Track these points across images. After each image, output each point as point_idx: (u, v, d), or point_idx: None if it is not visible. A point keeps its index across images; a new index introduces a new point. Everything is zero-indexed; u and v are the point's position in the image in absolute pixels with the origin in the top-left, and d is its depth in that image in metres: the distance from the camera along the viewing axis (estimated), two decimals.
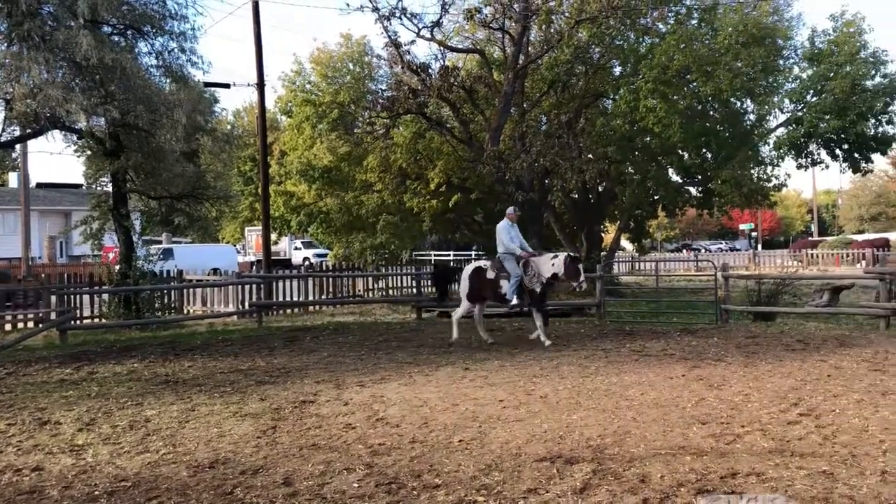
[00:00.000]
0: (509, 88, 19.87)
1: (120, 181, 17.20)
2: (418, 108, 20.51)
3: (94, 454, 6.50)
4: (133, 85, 14.10)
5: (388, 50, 20.55)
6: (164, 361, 11.59)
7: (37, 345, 13.63)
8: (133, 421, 7.66)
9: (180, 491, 5.48)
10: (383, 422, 7.43)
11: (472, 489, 5.35)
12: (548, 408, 7.89)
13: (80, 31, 12.86)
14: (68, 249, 41.77)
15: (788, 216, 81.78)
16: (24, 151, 30.36)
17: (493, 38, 22.67)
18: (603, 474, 5.59)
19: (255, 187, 37.93)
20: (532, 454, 6.16)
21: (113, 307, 16.67)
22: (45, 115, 13.91)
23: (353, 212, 24.87)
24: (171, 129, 14.74)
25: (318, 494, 5.34)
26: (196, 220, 21.76)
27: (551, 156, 19.09)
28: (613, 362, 10.65)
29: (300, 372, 10.44)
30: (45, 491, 5.56)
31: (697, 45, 19.78)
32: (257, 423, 7.48)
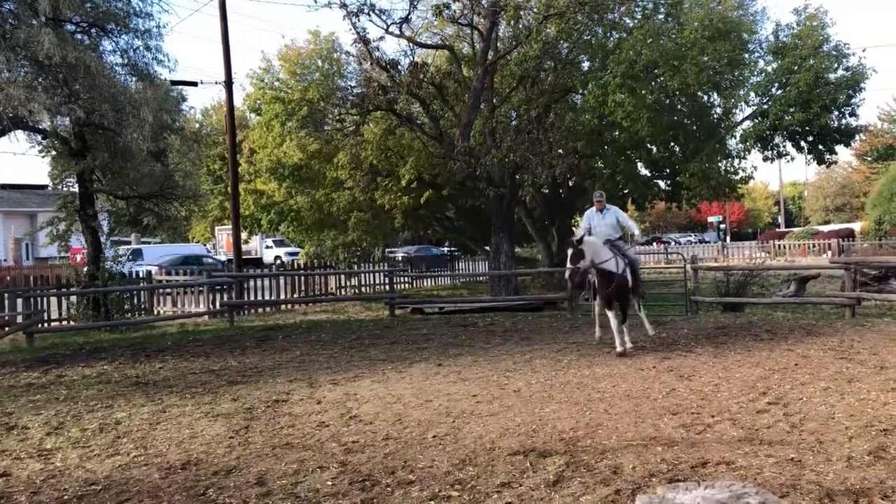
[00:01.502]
0: (479, 84, 19.89)
1: (86, 181, 16.94)
2: (388, 104, 20.44)
3: (63, 458, 6.42)
4: (98, 84, 13.89)
5: (357, 46, 20.46)
6: (134, 363, 11.47)
7: (3, 348, 13.42)
8: (103, 424, 7.57)
9: (152, 493, 5.43)
10: (357, 419, 7.42)
11: (447, 484, 5.37)
12: (521, 402, 7.93)
13: (41, 29, 12.64)
14: (34, 251, 41.08)
15: (756, 208, 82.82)
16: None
17: (461, 34, 22.67)
18: (576, 466, 5.63)
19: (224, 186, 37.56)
20: (505, 448, 6.19)
21: (81, 309, 16.45)
22: (7, 115, 13.64)
23: (324, 209, 24.74)
24: (137, 129, 14.55)
25: (291, 493, 5.32)
26: (165, 219, 21.48)
27: (521, 151, 19.14)
28: (585, 355, 10.73)
29: (273, 371, 10.39)
30: (12, 497, 5.48)
31: (664, 40, 19.98)
32: (230, 423, 7.44)
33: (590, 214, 11.51)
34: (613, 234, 11.24)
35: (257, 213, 28.49)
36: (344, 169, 23.32)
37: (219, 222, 48.82)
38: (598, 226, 11.27)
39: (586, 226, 11.40)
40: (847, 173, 67.61)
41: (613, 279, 10.42)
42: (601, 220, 11.31)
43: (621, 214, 11.44)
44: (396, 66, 20.22)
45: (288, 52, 25.47)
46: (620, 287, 10.53)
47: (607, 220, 11.34)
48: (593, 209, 11.47)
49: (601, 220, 11.31)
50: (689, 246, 50.86)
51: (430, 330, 14.42)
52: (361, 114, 21.51)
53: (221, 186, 41.51)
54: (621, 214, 11.44)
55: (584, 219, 11.64)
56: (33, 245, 40.40)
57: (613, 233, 11.26)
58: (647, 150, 21.79)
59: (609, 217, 11.35)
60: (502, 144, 19.38)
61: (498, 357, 10.80)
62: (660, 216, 71.01)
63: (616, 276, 10.43)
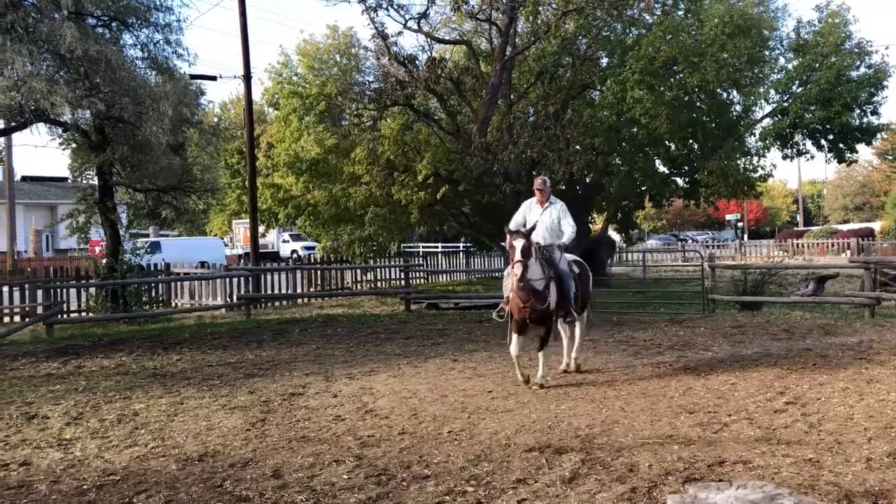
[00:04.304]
0: (496, 80, 19.85)
1: (106, 174, 17.06)
2: (405, 99, 20.45)
3: (82, 448, 6.48)
4: (118, 77, 13.99)
5: (375, 41, 20.47)
6: (152, 355, 11.56)
7: (24, 339, 13.55)
8: (121, 415, 7.64)
9: (169, 484, 5.48)
10: (372, 413, 7.44)
11: (462, 479, 5.38)
12: (536, 398, 7.92)
13: (63, 22, 12.74)
14: (54, 243, 41.45)
15: (774, 206, 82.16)
16: (9, 145, 30.14)
17: (480, 30, 22.62)
18: (591, 464, 5.63)
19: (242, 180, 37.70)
20: (521, 444, 6.19)
21: (100, 301, 16.58)
22: (29, 107, 13.74)
23: (341, 204, 24.76)
24: (157, 122, 14.63)
25: (307, 486, 5.35)
26: (183, 213, 21.60)
27: (539, 147, 19.11)
28: (601, 353, 10.70)
29: (289, 364, 10.43)
30: (33, 486, 5.54)
31: (684, 37, 19.84)
32: (246, 415, 7.48)
33: (527, 207, 9.14)
34: (549, 237, 8.84)
35: (274, 207, 28.57)
36: (361, 164, 23.36)
37: (236, 216, 49.05)
38: (536, 220, 8.79)
39: (520, 220, 8.94)
40: (867, 172, 66.94)
41: (532, 299, 8.14)
42: (539, 217, 8.88)
43: (566, 214, 8.97)
44: (414, 61, 20.23)
45: (306, 46, 25.50)
46: (538, 311, 8.21)
47: (547, 217, 8.91)
48: (532, 200, 9.12)
49: (539, 217, 8.88)
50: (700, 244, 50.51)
51: (446, 325, 14.43)
52: (379, 109, 21.54)
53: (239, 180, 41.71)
54: (566, 214, 8.97)
55: (519, 211, 9.19)
56: (53, 237, 40.78)
57: (549, 236, 8.85)
58: (665, 147, 21.66)
59: (552, 213, 8.94)
60: (519, 140, 19.34)
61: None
62: (677, 214, 70.63)
63: (536, 295, 8.14)
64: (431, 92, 20.28)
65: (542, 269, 8.26)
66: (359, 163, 23.37)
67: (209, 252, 32.90)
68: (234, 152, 39.69)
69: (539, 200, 9.05)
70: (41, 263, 25.92)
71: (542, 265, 8.30)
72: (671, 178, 23.61)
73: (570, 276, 8.73)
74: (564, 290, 8.57)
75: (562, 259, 8.77)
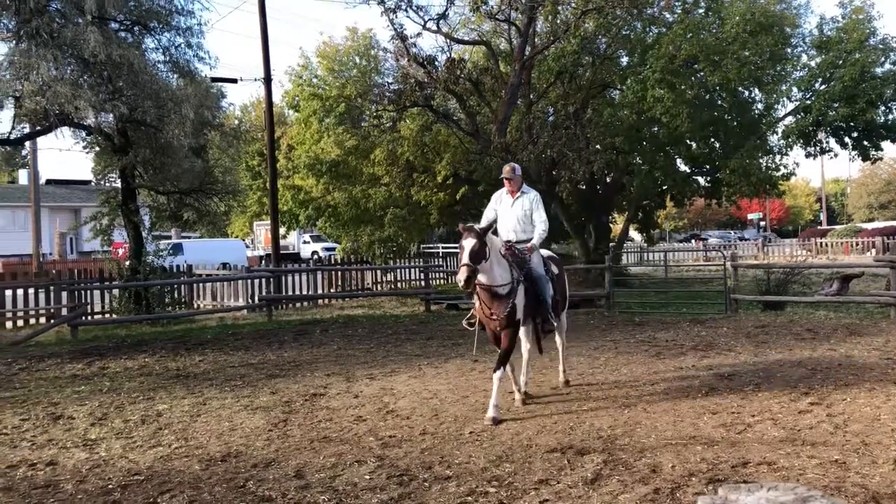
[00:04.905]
0: (516, 80, 19.82)
1: (129, 177, 17.22)
2: (425, 100, 20.48)
3: (107, 448, 6.55)
4: (141, 81, 14.12)
5: (395, 43, 20.52)
6: (174, 356, 11.65)
7: (49, 340, 13.71)
8: (145, 415, 7.71)
9: (193, 484, 5.52)
10: (394, 414, 7.45)
11: (484, 480, 5.38)
12: (558, 399, 7.90)
13: (87, 27, 12.88)
14: (78, 245, 41.93)
15: (797, 205, 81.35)
16: (34, 148, 30.53)
17: (499, 30, 22.60)
18: (614, 464, 5.60)
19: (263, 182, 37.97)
20: (543, 445, 6.18)
21: (123, 302, 16.73)
22: (53, 111, 13.90)
23: (361, 205, 24.86)
24: (178, 125, 14.74)
25: (329, 487, 5.37)
26: (205, 214, 21.75)
27: (559, 147, 19.06)
28: (623, 353, 10.65)
29: (310, 365, 10.48)
30: (59, 485, 5.61)
31: (704, 35, 19.69)
32: (268, 416, 7.52)
33: (497, 198, 8.10)
34: (521, 231, 7.82)
35: (295, 209, 28.72)
36: (380, 165, 23.43)
37: (257, 217, 49.37)
38: (504, 214, 7.92)
39: (490, 216, 7.95)
40: (893, 169, 66.10)
41: (497, 307, 7.14)
42: (509, 209, 7.91)
43: (539, 205, 7.87)
44: (433, 62, 20.25)
45: (326, 48, 25.63)
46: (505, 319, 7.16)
47: (518, 208, 7.88)
48: (503, 191, 8.05)
49: (509, 209, 7.91)
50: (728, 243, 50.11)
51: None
52: (398, 110, 21.58)
53: (260, 182, 42.00)
54: (539, 205, 7.87)
55: (489, 204, 8.16)
56: (77, 239, 41.25)
57: (521, 230, 7.82)
58: (686, 146, 21.51)
59: (523, 204, 7.87)
60: (539, 140, 19.30)
61: (534, 354, 10.76)
62: (699, 213, 70.12)
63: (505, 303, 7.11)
64: (451, 92, 20.29)
65: (508, 270, 7.18)
66: (378, 164, 23.45)
67: (231, 253, 33.09)
68: (254, 154, 39.97)
69: (509, 190, 7.94)
70: (66, 265, 26.21)
71: (510, 266, 7.24)
72: (692, 177, 23.43)
73: (545, 278, 7.64)
74: (540, 294, 7.49)
75: (536, 258, 7.70)
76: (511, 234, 7.78)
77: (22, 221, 41.80)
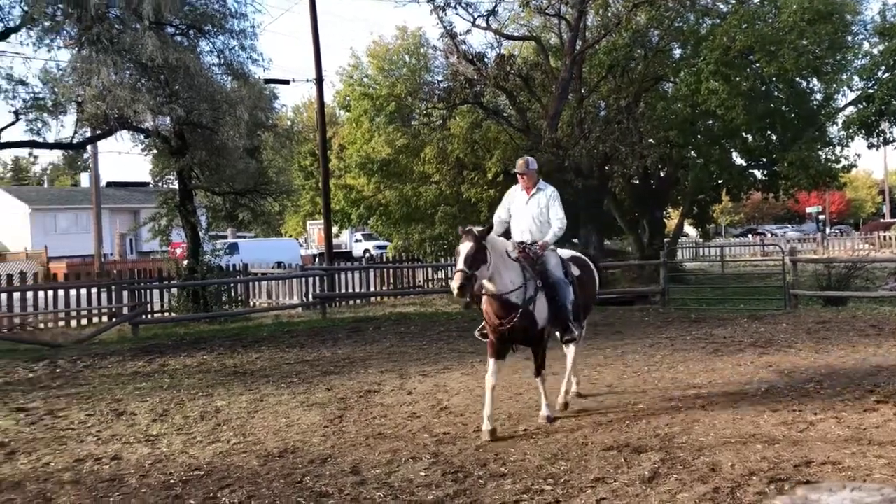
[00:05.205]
0: (566, 75, 19.67)
1: (185, 178, 17.58)
2: (474, 97, 20.46)
3: (168, 444, 6.70)
4: (196, 83, 14.40)
5: (444, 40, 20.57)
6: (232, 353, 11.86)
7: (111, 338, 14.08)
8: (204, 411, 7.87)
9: (251, 479, 5.61)
10: (447, 411, 7.47)
11: (539, 478, 5.35)
12: (613, 397, 7.82)
13: (145, 32, 13.19)
14: (138, 246, 43.00)
15: (858, 198, 78.92)
16: (95, 152, 31.34)
17: (549, 25, 22.46)
18: (672, 463, 5.52)
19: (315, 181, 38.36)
20: (598, 443, 6.12)
21: (182, 301, 17.08)
22: (113, 115, 14.28)
23: (412, 203, 24.95)
24: (233, 126, 15.00)
25: (385, 483, 5.41)
26: (259, 214, 22.14)
27: (611, 141, 18.87)
28: (679, 350, 10.49)
29: (364, 362, 10.56)
30: (124, 479, 5.76)
31: (760, 25, 19.25)
32: (324, 412, 7.61)
33: (511, 195, 7.43)
34: (536, 231, 7.14)
35: (347, 208, 28.98)
36: (431, 163, 23.48)
37: (310, 217, 49.96)
38: (518, 213, 7.27)
39: (504, 216, 7.34)
40: None
41: (508, 315, 6.54)
42: (523, 207, 7.25)
43: (556, 202, 7.18)
44: (483, 58, 20.22)
45: (376, 48, 25.79)
46: (521, 329, 6.60)
47: (534, 206, 7.19)
48: (517, 187, 7.40)
49: (523, 207, 7.25)
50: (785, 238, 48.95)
51: None
52: (448, 108, 21.61)
53: (312, 182, 42.47)
54: (556, 202, 7.18)
55: (503, 202, 7.49)
56: (137, 240, 42.32)
57: (536, 230, 7.14)
58: (742, 139, 21.08)
59: (539, 201, 7.20)
60: (591, 135, 19.13)
61: (587, 351, 10.64)
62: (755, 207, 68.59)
63: (516, 311, 6.52)
64: (500, 89, 20.24)
65: (520, 275, 6.57)
66: (429, 162, 23.50)
67: (285, 252, 33.58)
68: (307, 154, 40.41)
69: (524, 187, 7.26)
70: (126, 266, 26.90)
71: (523, 269, 6.62)
72: (749, 171, 22.95)
73: (565, 282, 6.93)
74: (558, 299, 6.79)
75: (553, 259, 7.00)
76: (526, 235, 7.11)
77: (84, 223, 43.03)
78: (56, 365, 11.05)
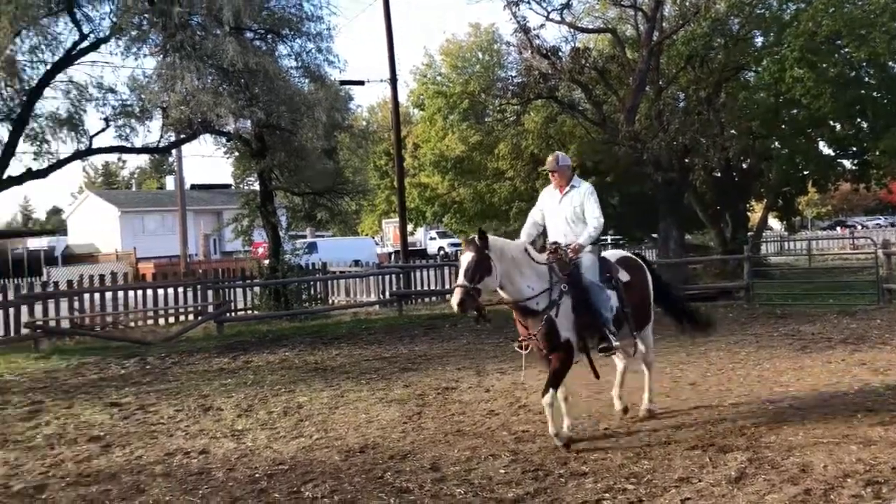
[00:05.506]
0: (644, 66, 19.27)
1: (266, 179, 18.01)
2: (549, 92, 20.26)
3: (253, 439, 6.87)
4: (275, 87, 14.71)
5: (517, 36, 20.41)
6: (312, 350, 12.09)
7: (197, 336, 14.52)
8: (287, 407, 8.04)
9: (333, 474, 5.70)
10: (525, 409, 7.42)
11: (621, 477, 5.26)
12: (696, 395, 7.64)
13: (225, 38, 13.54)
14: (221, 246, 44.27)
15: None
16: (179, 155, 32.41)
17: (624, 16, 22.06)
18: (759, 463, 5.35)
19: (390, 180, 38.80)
20: (682, 442, 5.98)
21: (264, 299, 17.50)
22: (197, 119, 14.74)
23: (486, 200, 24.98)
24: (311, 128, 15.28)
25: (465, 480, 5.41)
26: (337, 214, 22.50)
27: (691, 133, 18.44)
28: (765, 347, 10.17)
29: (441, 359, 10.60)
30: (211, 472, 5.93)
31: (849, 8, 18.43)
32: (403, 409, 7.67)
33: (544, 195, 6.93)
34: (570, 232, 6.55)
35: (422, 206, 29.21)
36: (505, 159, 23.45)
37: (385, 215, 50.50)
38: (552, 214, 6.74)
39: (537, 218, 6.86)
40: None
41: (533, 323, 6.18)
42: (556, 206, 6.70)
43: (591, 199, 6.59)
44: (557, 52, 19.99)
45: (449, 46, 25.91)
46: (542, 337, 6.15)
47: (567, 206, 6.63)
48: (550, 187, 6.87)
49: (556, 206, 6.70)
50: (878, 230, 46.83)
51: None
52: (522, 103, 21.45)
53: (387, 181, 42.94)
54: (591, 199, 6.59)
55: (537, 203, 6.99)
56: (220, 240, 43.58)
57: (570, 231, 6.56)
58: (829, 128, 20.25)
59: (572, 200, 6.62)
60: (670, 127, 18.71)
61: (669, 349, 10.41)
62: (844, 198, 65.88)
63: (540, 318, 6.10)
64: (576, 82, 19.98)
65: (545, 279, 6.12)
66: (502, 158, 23.47)
67: (361, 251, 33.96)
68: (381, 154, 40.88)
69: (556, 185, 6.72)
70: (210, 265, 27.74)
71: (550, 272, 6.16)
72: (837, 161, 22.05)
73: (599, 286, 6.31)
74: (592, 305, 6.22)
75: (589, 261, 6.39)
76: (560, 238, 6.55)
77: (170, 224, 44.52)
78: (146, 362, 11.48)
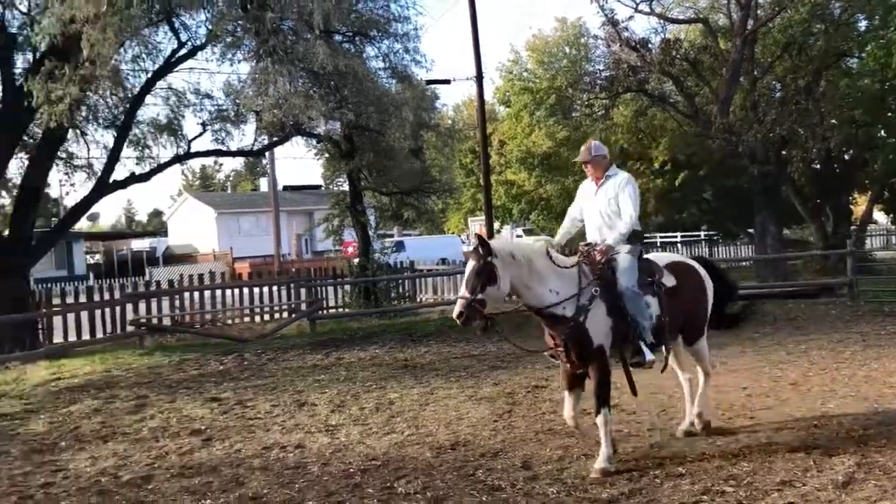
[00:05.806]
0: (737, 56, 18.65)
1: (355, 180, 18.33)
2: (638, 85, 19.87)
3: (346, 434, 6.99)
4: (364, 88, 14.91)
5: (605, 28, 20.10)
6: (402, 347, 12.23)
7: (291, 333, 14.88)
8: (378, 403, 8.15)
9: (425, 471, 5.74)
10: (618, 409, 7.26)
11: (719, 479, 5.11)
12: (798, 395, 7.34)
13: (315, 41, 13.80)
14: (312, 245, 45.30)
15: None
16: (272, 158, 33.35)
17: (717, 5, 21.43)
18: (869, 468, 5.10)
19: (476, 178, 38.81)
20: (783, 444, 5.76)
21: (354, 297, 17.81)
22: (289, 122, 15.11)
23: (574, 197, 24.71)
24: (399, 128, 15.44)
25: (557, 479, 5.36)
26: (423, 213, 22.70)
27: (788, 124, 17.75)
28: (872, 346, 9.69)
29: (530, 358, 10.49)
30: (307, 466, 6.07)
31: None
32: (493, 406, 7.66)
33: (582, 189, 6.45)
34: (606, 228, 6.00)
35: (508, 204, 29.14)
36: None
37: (471, 213, 50.58)
38: (588, 208, 6.22)
39: (576, 214, 6.42)
40: None
41: (561, 331, 5.65)
42: (592, 199, 6.17)
43: (625, 189, 5.97)
44: (647, 44, 19.58)
45: (535, 41, 25.74)
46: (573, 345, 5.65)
47: (602, 199, 6.06)
48: (587, 180, 6.36)
49: (592, 199, 6.17)
50: None
51: None
52: (611, 97, 21.12)
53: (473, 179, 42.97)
54: (625, 189, 5.97)
55: (576, 198, 6.55)
56: (311, 240, 44.62)
57: (606, 226, 6.01)
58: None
59: (607, 192, 6.05)
60: (766, 118, 18.06)
61: (768, 347, 10.08)
62: None
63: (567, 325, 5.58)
64: (666, 75, 19.52)
65: (572, 281, 5.63)
66: None
67: (448, 249, 34.18)
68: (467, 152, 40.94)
69: (592, 177, 6.19)
70: (302, 265, 28.38)
71: (580, 275, 5.66)
72: None
73: (635, 292, 5.70)
74: (627, 312, 5.66)
75: (626, 263, 5.80)
76: (596, 235, 6.04)
77: (264, 225, 45.81)
78: (243, 358, 11.85)
